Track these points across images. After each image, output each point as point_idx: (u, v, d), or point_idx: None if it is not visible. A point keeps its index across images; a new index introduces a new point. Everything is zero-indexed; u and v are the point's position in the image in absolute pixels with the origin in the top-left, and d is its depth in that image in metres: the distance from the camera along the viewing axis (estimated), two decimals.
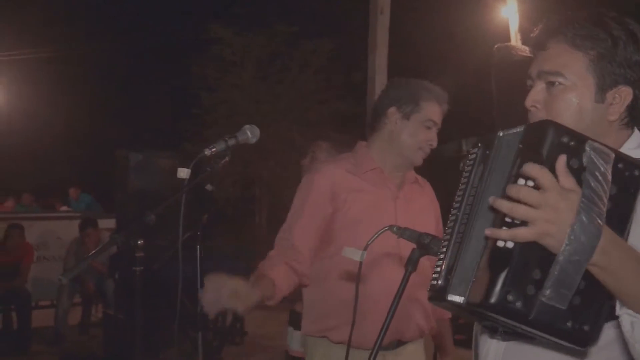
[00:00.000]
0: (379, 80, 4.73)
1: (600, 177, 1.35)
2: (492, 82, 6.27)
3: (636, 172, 1.40)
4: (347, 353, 2.22)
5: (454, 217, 1.59)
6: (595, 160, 1.36)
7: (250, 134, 2.59)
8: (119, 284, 7.37)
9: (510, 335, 1.64)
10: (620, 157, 1.40)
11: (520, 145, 1.44)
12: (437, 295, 1.53)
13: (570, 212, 1.31)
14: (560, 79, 1.64)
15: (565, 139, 1.36)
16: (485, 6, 8.98)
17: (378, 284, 2.81)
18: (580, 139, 1.38)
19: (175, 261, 2.65)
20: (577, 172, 1.35)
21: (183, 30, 19.71)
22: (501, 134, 1.52)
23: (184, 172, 2.38)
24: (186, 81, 18.42)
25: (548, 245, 1.33)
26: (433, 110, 2.97)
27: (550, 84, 1.66)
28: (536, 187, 1.33)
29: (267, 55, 18.43)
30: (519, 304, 1.34)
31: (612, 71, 1.62)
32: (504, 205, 1.33)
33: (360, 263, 2.00)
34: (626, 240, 1.41)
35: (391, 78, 3.14)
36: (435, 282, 1.55)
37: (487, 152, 1.55)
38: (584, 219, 1.31)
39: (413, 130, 2.96)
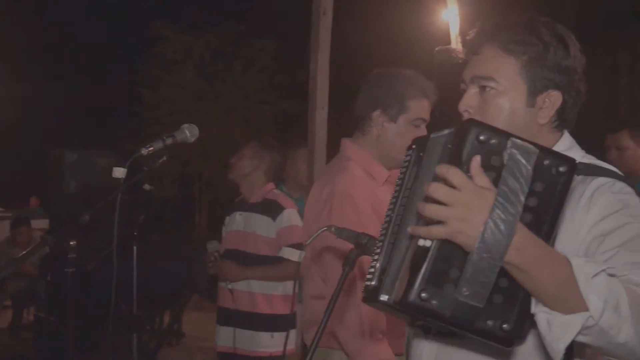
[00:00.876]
0: (321, 80, 4.72)
1: (518, 175, 1.34)
2: (433, 84, 6.34)
3: (561, 169, 1.38)
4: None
5: (388, 219, 1.59)
6: (516, 157, 1.34)
7: (189, 133, 2.56)
8: (51, 286, 7.19)
9: (444, 335, 1.64)
10: (547, 154, 1.38)
11: (449, 146, 1.44)
12: (370, 296, 1.52)
13: (483, 210, 1.30)
14: (493, 84, 1.66)
15: (483, 137, 1.35)
16: (426, 9, 9.09)
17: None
18: (502, 137, 1.36)
19: (110, 262, 2.59)
20: (499, 170, 1.34)
21: (125, 27, 19.40)
22: (433, 135, 1.53)
23: (119, 172, 2.33)
24: (127, 79, 18.14)
25: (461, 243, 1.31)
26: (421, 107, 2.78)
27: (483, 89, 1.68)
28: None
29: (211, 54, 18.32)
30: (434, 302, 1.33)
31: (542, 76, 1.64)
32: (419, 205, 1.34)
33: (298, 263, 1.99)
34: (554, 237, 1.41)
35: (373, 73, 2.90)
36: (369, 282, 1.54)
37: (421, 154, 1.55)
38: (497, 217, 1.30)
39: (402, 132, 2.76)
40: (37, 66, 21.13)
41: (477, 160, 1.34)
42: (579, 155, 1.68)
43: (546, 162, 1.37)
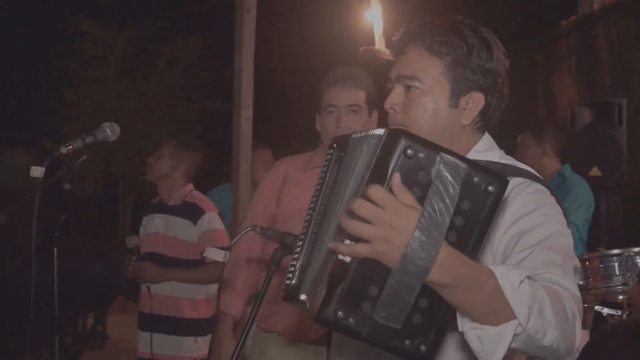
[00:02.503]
0: (245, 79, 4.72)
1: (445, 195, 1.30)
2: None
3: (491, 188, 1.34)
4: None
5: (309, 217, 1.59)
6: (443, 174, 1.31)
7: (110, 131, 2.53)
8: None
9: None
10: (477, 171, 1.33)
11: (378, 153, 1.39)
12: (290, 294, 1.52)
13: (407, 230, 1.27)
14: (417, 84, 1.69)
15: (411, 151, 1.31)
16: (350, 10, 9.15)
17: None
18: (431, 151, 1.32)
19: (30, 264, 2.53)
20: (426, 186, 1.31)
21: (43, 20, 18.84)
22: (354, 135, 1.53)
23: (37, 171, 2.29)
24: (45, 75, 17.61)
25: (384, 263, 1.29)
26: (331, 95, 2.95)
27: (408, 88, 1.71)
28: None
29: (133, 50, 17.98)
30: (351, 321, 1.31)
31: (465, 77, 1.68)
32: (342, 220, 1.31)
33: (223, 264, 1.99)
34: (479, 254, 1.40)
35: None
36: (289, 281, 1.53)
37: (342, 153, 1.56)
38: (419, 239, 1.27)
39: (323, 123, 2.99)
40: None
41: (397, 177, 1.30)
42: (497, 156, 1.74)
43: (475, 179, 1.33)
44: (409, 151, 1.31)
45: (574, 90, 8.23)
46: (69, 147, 2.38)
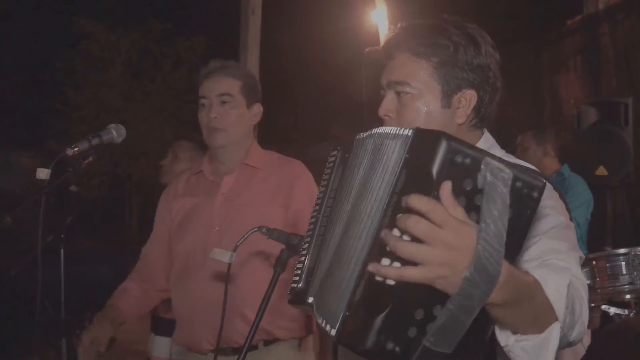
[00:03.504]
0: None
1: (499, 204, 1.15)
2: (363, 84, 6.42)
3: (535, 194, 1.23)
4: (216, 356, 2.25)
5: (314, 219, 1.58)
6: (494, 183, 1.16)
7: (116, 133, 2.53)
8: None
9: None
10: (519, 176, 1.22)
11: (407, 155, 1.27)
12: (297, 298, 1.50)
13: (467, 252, 1.13)
14: (407, 88, 1.69)
15: (458, 158, 1.16)
16: (356, 10, 9.15)
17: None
18: (476, 156, 1.18)
19: (36, 265, 2.54)
20: (470, 195, 1.17)
21: (49, 23, 18.89)
22: (359, 136, 1.52)
23: (43, 173, 2.28)
24: (51, 76, 17.67)
25: (441, 289, 1.15)
26: (201, 88, 2.83)
27: (399, 94, 1.70)
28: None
29: (139, 52, 18.02)
30: (397, 350, 1.18)
31: (455, 76, 1.67)
32: (390, 239, 1.15)
33: (229, 265, 1.99)
34: (517, 263, 1.34)
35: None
36: (295, 284, 1.52)
37: (346, 155, 1.54)
38: (482, 259, 1.12)
39: (199, 118, 2.85)
40: None
41: (448, 187, 1.16)
42: (499, 154, 1.72)
43: (518, 184, 1.22)
44: (458, 158, 1.16)
45: (580, 89, 8.20)
46: (75, 149, 2.38)
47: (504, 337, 1.32)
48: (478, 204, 1.16)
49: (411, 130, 1.31)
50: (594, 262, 4.16)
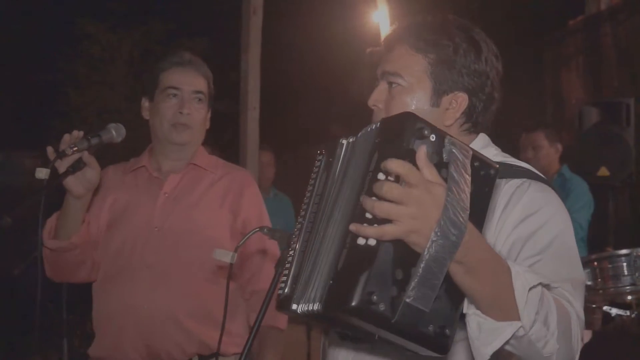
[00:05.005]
0: (252, 80, 4.74)
1: (462, 171, 1.30)
2: (364, 85, 6.41)
3: (492, 172, 1.36)
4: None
5: (299, 226, 1.57)
6: (457, 154, 1.31)
7: (115, 132, 2.49)
8: None
9: (359, 339, 1.58)
10: (476, 156, 1.35)
11: (377, 140, 1.38)
12: (282, 304, 1.50)
13: (437, 207, 1.25)
14: (399, 80, 1.68)
15: (426, 132, 1.30)
16: (357, 10, 9.15)
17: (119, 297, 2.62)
18: (439, 134, 1.32)
19: (36, 265, 2.53)
20: (437, 167, 1.29)
21: (49, 24, 18.91)
22: (343, 141, 1.53)
23: (42, 172, 2.27)
24: (53, 77, 17.67)
25: (413, 242, 1.26)
26: (172, 77, 2.67)
27: (390, 85, 1.69)
28: (397, 181, 1.26)
29: (140, 53, 18.03)
30: (382, 306, 1.25)
31: (449, 77, 1.66)
32: (367, 203, 1.26)
33: (231, 265, 1.97)
34: None
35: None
36: (281, 291, 1.51)
37: (330, 159, 1.54)
38: (450, 214, 1.25)
39: (158, 108, 2.68)
40: None
41: (423, 150, 1.28)
42: (492, 153, 1.70)
43: (476, 163, 1.35)
44: (425, 132, 1.30)
45: (582, 89, 8.20)
46: (74, 149, 2.36)
47: (466, 305, 1.36)
48: (444, 177, 1.29)
49: (379, 122, 1.43)
50: (595, 263, 4.15)
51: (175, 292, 2.56)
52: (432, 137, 1.30)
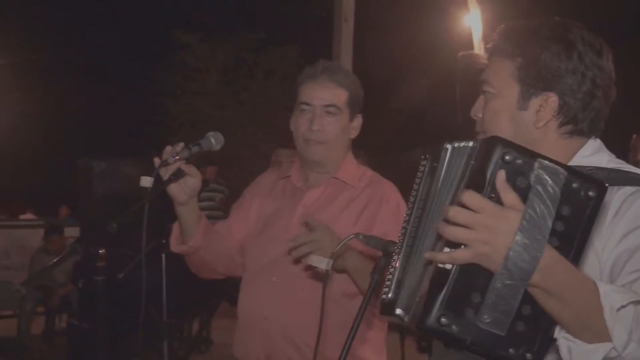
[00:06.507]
0: None
1: (545, 197, 1.29)
2: (457, 89, 6.34)
3: (591, 193, 1.33)
4: None
5: (403, 230, 1.57)
6: (543, 178, 1.30)
7: (214, 141, 2.53)
8: (83, 293, 7.27)
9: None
10: (576, 177, 1.33)
11: (472, 162, 1.41)
12: (386, 309, 1.51)
13: (508, 233, 1.27)
14: (488, 88, 1.67)
15: (509, 157, 1.31)
16: (449, 14, 9.07)
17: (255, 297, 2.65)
18: (529, 157, 1.32)
19: (140, 270, 2.62)
20: (525, 191, 1.30)
21: (146, 36, 19.55)
22: (448, 145, 1.51)
23: (146, 181, 2.34)
24: (150, 88, 18.27)
25: (486, 267, 1.29)
26: (306, 92, 2.60)
27: (484, 93, 1.69)
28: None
29: (233, 62, 18.40)
30: (454, 328, 1.30)
31: (537, 79, 1.61)
32: (440, 227, 1.31)
33: (327, 271, 1.98)
34: (581, 263, 1.37)
35: None
36: (385, 295, 1.52)
37: (434, 164, 1.53)
38: (522, 241, 1.26)
39: (295, 123, 2.64)
40: (61, 78, 21.36)
41: (502, 175, 1.30)
42: (605, 160, 1.64)
43: (575, 184, 1.33)
44: (507, 157, 1.31)
45: None
46: (176, 157, 2.43)
47: (557, 329, 1.36)
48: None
49: (478, 142, 1.45)
50: None
51: (295, 308, 2.55)
52: (518, 162, 1.31)
